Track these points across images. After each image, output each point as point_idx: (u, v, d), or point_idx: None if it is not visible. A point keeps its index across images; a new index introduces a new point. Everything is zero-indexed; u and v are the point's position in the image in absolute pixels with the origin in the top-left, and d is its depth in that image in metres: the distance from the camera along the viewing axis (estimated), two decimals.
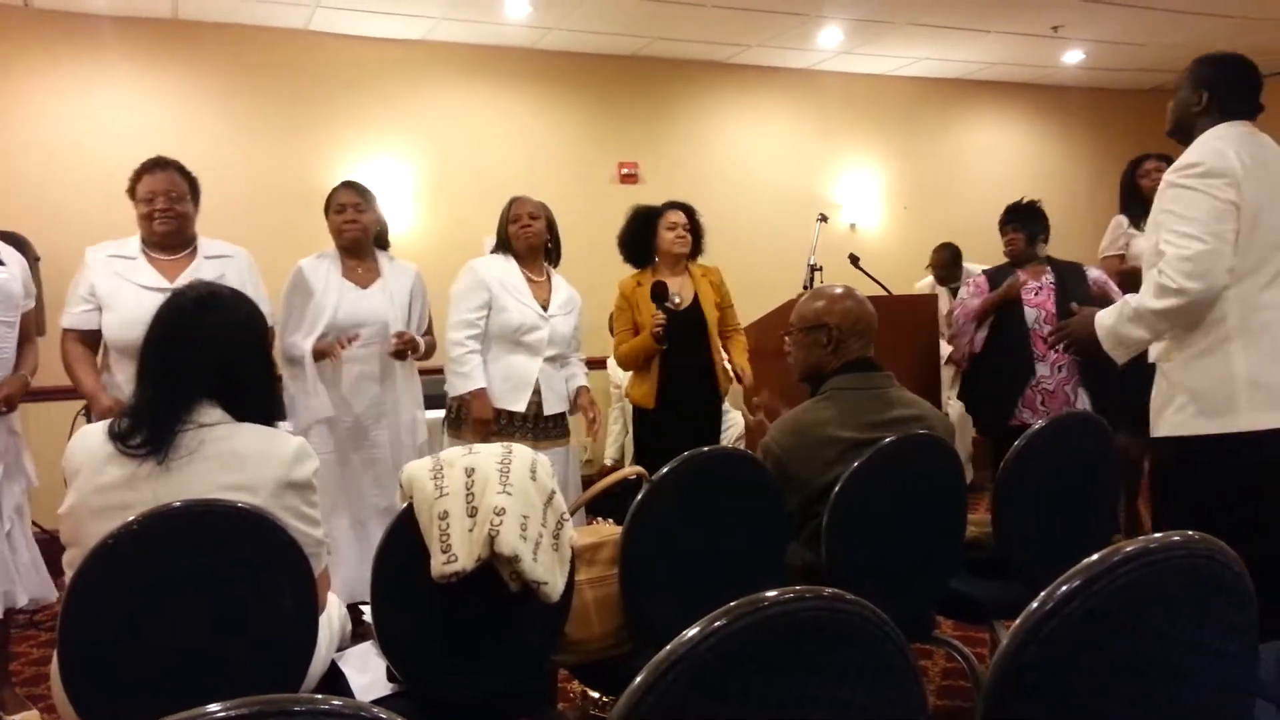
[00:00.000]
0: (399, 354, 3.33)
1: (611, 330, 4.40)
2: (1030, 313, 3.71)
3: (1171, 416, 2.42)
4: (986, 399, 3.89)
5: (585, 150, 6.18)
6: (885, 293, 4.80)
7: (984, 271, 4.00)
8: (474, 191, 5.71)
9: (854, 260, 5.07)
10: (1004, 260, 3.99)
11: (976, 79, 7.17)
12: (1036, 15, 5.75)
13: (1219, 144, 2.37)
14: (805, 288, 4.51)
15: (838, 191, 6.83)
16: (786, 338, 2.49)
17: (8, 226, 4.21)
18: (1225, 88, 2.47)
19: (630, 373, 3.83)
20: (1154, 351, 2.49)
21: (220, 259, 3.09)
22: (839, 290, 2.44)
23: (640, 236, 3.84)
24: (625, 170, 6.25)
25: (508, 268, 3.47)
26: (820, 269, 4.69)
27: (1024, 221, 3.93)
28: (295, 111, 5.52)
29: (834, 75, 6.82)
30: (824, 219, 4.99)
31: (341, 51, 5.61)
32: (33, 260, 3.13)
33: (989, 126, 7.35)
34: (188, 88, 5.32)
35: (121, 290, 2.94)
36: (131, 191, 3.04)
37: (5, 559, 2.83)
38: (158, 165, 3.04)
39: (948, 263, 5.96)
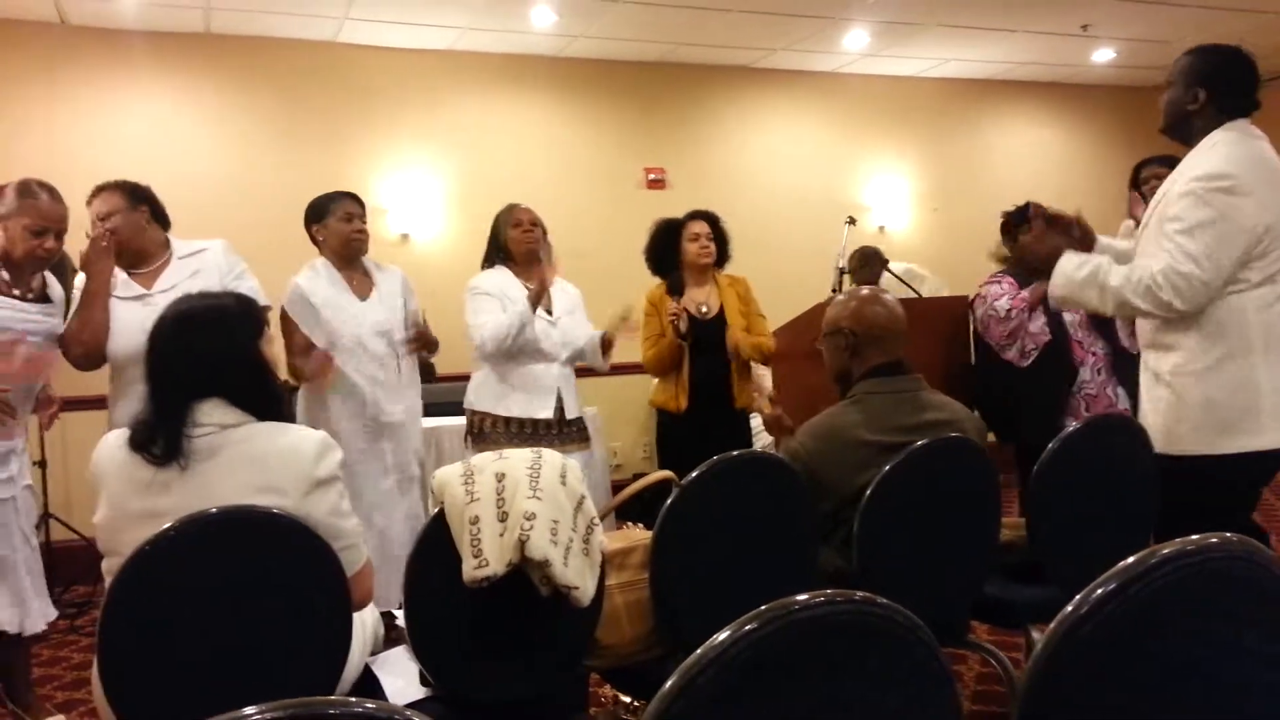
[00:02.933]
0: (423, 345, 3.34)
1: None
2: (1068, 316, 3.63)
3: (1188, 434, 2.34)
4: (1031, 409, 3.63)
5: (612, 156, 6.19)
6: (915, 294, 4.78)
7: (1005, 272, 3.84)
8: (502, 199, 5.64)
9: (883, 263, 5.05)
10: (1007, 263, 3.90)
11: (1005, 79, 7.11)
12: (1065, 14, 5.70)
13: (1242, 152, 2.29)
14: (834, 291, 4.50)
15: (866, 194, 6.80)
16: (818, 343, 2.49)
17: None
18: (1222, 83, 2.37)
19: (656, 379, 3.84)
20: (1163, 362, 2.41)
21: (193, 256, 3.08)
22: (864, 293, 2.43)
23: (664, 249, 3.85)
24: (652, 176, 6.26)
25: (505, 280, 3.48)
26: (850, 272, 4.68)
27: None
28: (324, 122, 5.58)
29: (860, 78, 6.79)
30: (852, 222, 4.97)
31: (370, 62, 5.67)
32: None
33: (1018, 127, 7.28)
34: (219, 101, 5.40)
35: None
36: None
37: (33, 578, 2.85)
38: (92, 194, 3.03)
39: (857, 265, 5.33)
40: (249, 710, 0.75)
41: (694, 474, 1.99)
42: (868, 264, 5.33)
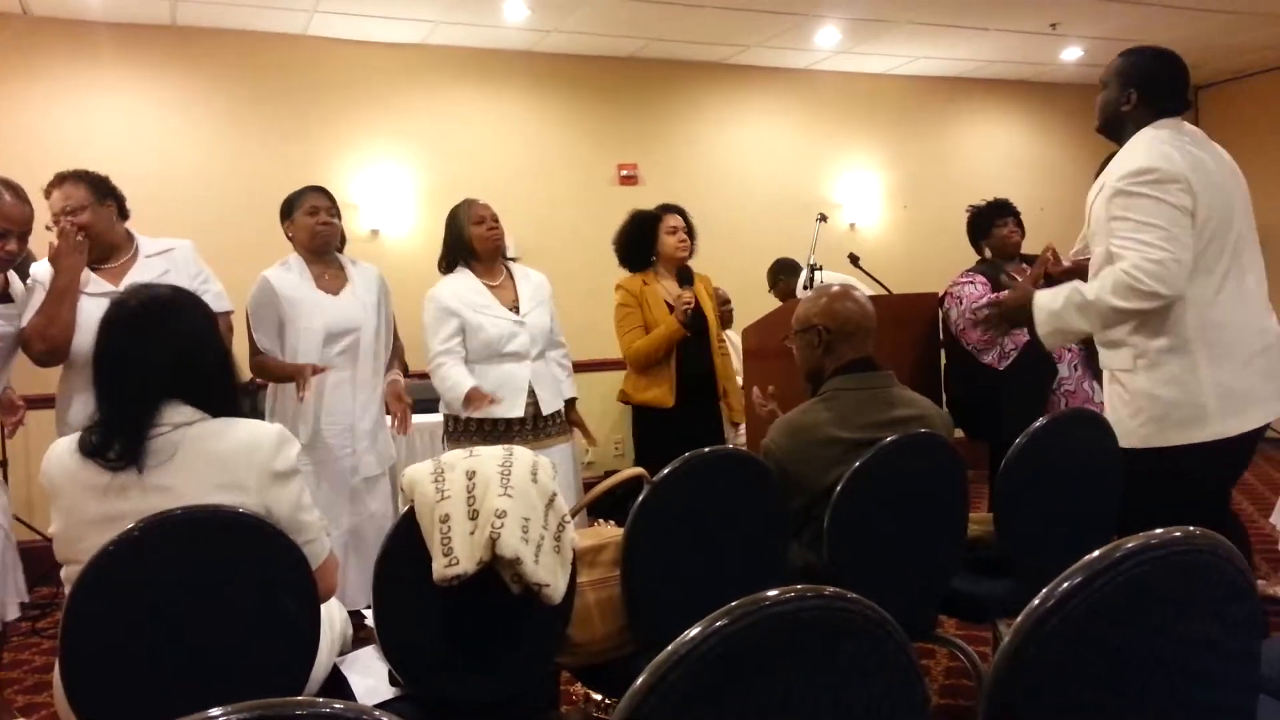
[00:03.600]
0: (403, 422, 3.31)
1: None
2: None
3: (1139, 428, 2.41)
4: (1015, 408, 3.49)
5: (585, 152, 6.18)
6: (885, 292, 4.81)
7: (977, 269, 3.88)
8: (474, 193, 5.63)
9: (854, 260, 5.07)
10: (979, 259, 3.94)
11: (975, 77, 7.17)
12: (1034, 13, 5.75)
13: (1164, 147, 2.36)
14: (805, 288, 4.51)
15: (837, 191, 6.83)
16: (788, 341, 2.49)
17: None
18: (1155, 84, 2.45)
19: (632, 375, 3.81)
20: (1113, 359, 2.48)
21: (162, 255, 3.03)
22: (834, 290, 2.44)
23: (640, 242, 3.82)
24: (625, 172, 6.25)
25: (467, 285, 3.41)
26: (820, 269, 4.69)
27: (1019, 217, 3.91)
28: (294, 117, 5.52)
29: (832, 75, 6.82)
30: (823, 219, 4.99)
31: (340, 56, 5.61)
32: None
33: (988, 125, 7.35)
34: (186, 94, 5.32)
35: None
36: None
37: (4, 572, 2.83)
38: (52, 183, 2.93)
39: (775, 278, 5.64)
40: (215, 712, 0.74)
41: (665, 471, 1.99)
42: (785, 273, 5.44)
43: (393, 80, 5.74)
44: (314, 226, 3.30)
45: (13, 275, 2.90)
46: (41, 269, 2.91)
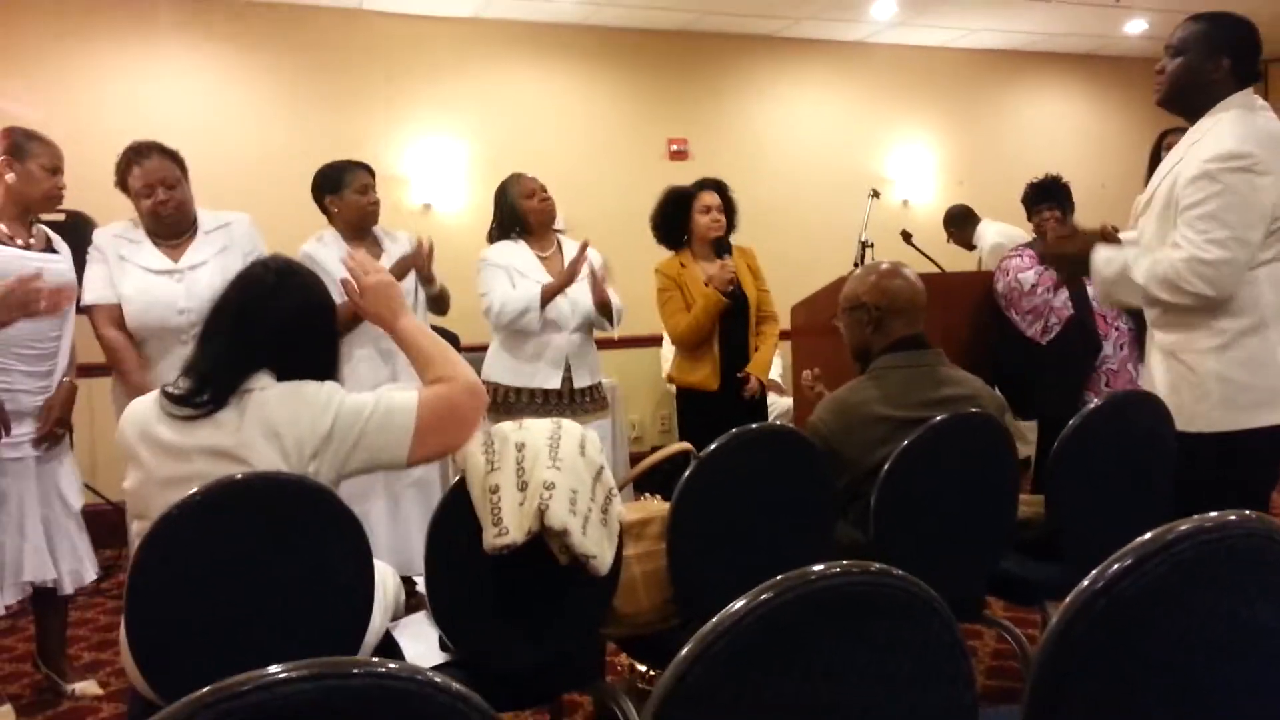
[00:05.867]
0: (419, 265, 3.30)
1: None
2: (1092, 289, 3.59)
3: (1208, 412, 2.28)
4: (1051, 384, 3.61)
5: (635, 127, 6.15)
6: (938, 270, 4.75)
7: (1028, 244, 3.86)
8: (525, 168, 5.67)
9: (906, 237, 5.02)
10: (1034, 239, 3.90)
11: (1035, 50, 7.00)
12: None
13: (1255, 128, 2.22)
14: (856, 265, 4.47)
15: (890, 167, 6.73)
16: (835, 320, 2.48)
17: (70, 206, 4.31)
18: (1245, 52, 2.31)
19: (678, 358, 3.79)
20: (1179, 342, 2.35)
21: (220, 230, 3.08)
22: (884, 267, 2.42)
23: (674, 219, 3.76)
24: (675, 147, 6.22)
25: (517, 251, 3.45)
26: (871, 245, 4.64)
27: (1059, 199, 3.84)
28: (347, 91, 5.57)
29: (887, 48, 6.71)
30: (876, 195, 4.93)
31: (393, 30, 5.64)
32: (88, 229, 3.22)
33: (1048, 99, 7.18)
34: (241, 68, 5.40)
35: (127, 274, 2.95)
36: (122, 182, 2.96)
37: (73, 540, 2.94)
38: (144, 152, 2.94)
39: (955, 224, 5.61)
40: (274, 669, 0.76)
41: (712, 446, 2.00)
42: (956, 223, 5.38)
43: (446, 54, 5.76)
44: (365, 206, 3.34)
45: (52, 233, 2.98)
46: (100, 237, 2.99)
